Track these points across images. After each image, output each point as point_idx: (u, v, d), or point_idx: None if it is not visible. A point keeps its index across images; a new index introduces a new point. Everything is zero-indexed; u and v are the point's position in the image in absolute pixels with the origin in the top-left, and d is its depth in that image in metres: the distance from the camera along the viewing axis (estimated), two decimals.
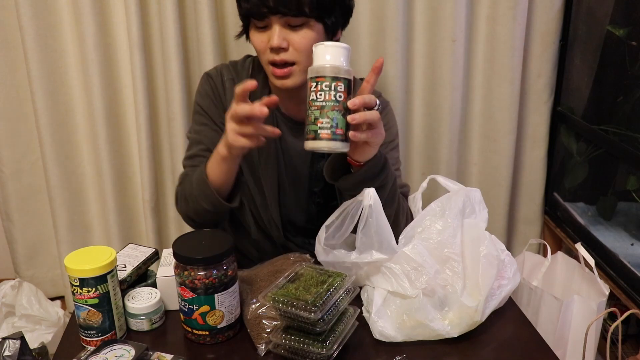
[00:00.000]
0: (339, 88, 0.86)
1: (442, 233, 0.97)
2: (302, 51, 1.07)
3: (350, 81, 0.88)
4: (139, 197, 1.75)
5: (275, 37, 1.05)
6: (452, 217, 0.99)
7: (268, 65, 1.10)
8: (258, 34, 1.09)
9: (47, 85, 1.60)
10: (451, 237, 0.97)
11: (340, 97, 0.87)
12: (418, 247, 0.95)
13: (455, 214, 0.99)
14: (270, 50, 1.08)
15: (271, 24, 1.07)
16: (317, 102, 0.87)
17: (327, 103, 0.86)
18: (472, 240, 0.98)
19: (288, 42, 1.06)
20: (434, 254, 0.96)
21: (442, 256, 0.96)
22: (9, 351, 0.93)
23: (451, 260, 0.96)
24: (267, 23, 1.07)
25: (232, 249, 0.90)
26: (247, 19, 1.11)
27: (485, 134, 1.80)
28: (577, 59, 1.76)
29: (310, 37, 1.07)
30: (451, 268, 0.96)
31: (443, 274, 0.96)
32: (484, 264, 0.95)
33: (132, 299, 0.97)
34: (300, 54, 1.08)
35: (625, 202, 1.64)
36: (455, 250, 0.96)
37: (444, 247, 0.96)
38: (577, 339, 1.35)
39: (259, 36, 1.09)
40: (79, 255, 0.90)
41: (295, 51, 1.07)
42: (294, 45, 1.07)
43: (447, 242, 0.97)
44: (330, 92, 0.86)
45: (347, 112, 0.88)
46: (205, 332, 0.91)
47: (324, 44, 0.89)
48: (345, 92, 0.87)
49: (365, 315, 0.96)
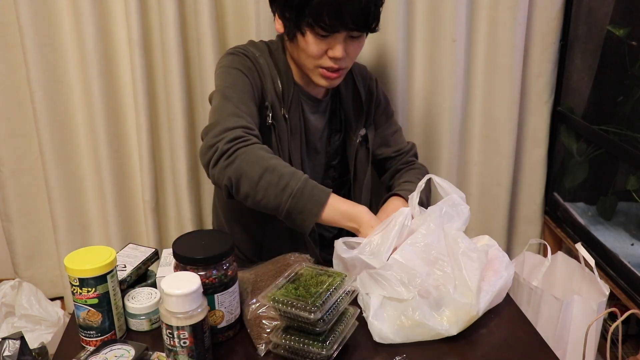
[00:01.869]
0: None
1: (426, 237, 0.99)
2: (354, 58, 1.19)
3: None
4: (139, 197, 1.75)
5: (341, 50, 1.12)
6: (433, 222, 1.01)
7: (318, 68, 1.16)
8: (318, 41, 1.12)
9: (47, 85, 1.60)
10: (436, 240, 0.99)
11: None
12: (407, 253, 0.96)
13: (435, 217, 1.02)
14: (329, 58, 1.13)
15: (335, 35, 1.11)
16: None
17: None
18: (450, 242, 1.00)
19: (346, 52, 1.13)
20: (422, 257, 0.97)
21: (430, 258, 0.98)
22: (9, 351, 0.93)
23: (439, 261, 0.98)
24: (332, 33, 1.11)
25: (232, 249, 0.90)
26: (308, 25, 1.10)
27: (485, 134, 1.80)
28: (577, 59, 1.76)
29: (362, 45, 1.18)
30: (440, 268, 0.97)
31: (434, 275, 0.97)
32: (463, 260, 0.97)
33: (132, 299, 0.97)
34: (353, 61, 1.19)
35: (625, 202, 1.64)
36: (442, 252, 0.98)
37: (431, 249, 0.98)
38: (577, 339, 1.35)
39: (319, 44, 1.12)
40: (78, 256, 0.90)
41: (350, 59, 1.17)
42: (349, 54, 1.15)
43: (433, 244, 0.98)
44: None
45: None
46: None
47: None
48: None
49: (365, 315, 0.96)
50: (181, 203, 1.72)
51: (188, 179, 1.69)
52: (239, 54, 1.20)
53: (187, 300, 0.80)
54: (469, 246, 0.99)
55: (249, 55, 1.19)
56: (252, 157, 1.02)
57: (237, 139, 1.03)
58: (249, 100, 1.13)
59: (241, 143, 1.03)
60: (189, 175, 1.69)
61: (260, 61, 1.20)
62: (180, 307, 0.80)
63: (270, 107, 1.19)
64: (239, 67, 1.17)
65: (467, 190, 1.84)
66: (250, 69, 1.18)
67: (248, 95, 1.14)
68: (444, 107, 1.73)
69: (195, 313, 0.81)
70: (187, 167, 1.68)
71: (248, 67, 1.18)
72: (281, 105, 1.21)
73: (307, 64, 1.17)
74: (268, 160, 1.02)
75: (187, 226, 1.74)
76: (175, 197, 1.74)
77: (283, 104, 1.21)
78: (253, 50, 1.21)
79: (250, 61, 1.19)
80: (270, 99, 1.19)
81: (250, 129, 1.07)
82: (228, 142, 1.02)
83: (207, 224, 1.82)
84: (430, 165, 1.81)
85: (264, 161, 1.02)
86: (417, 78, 1.72)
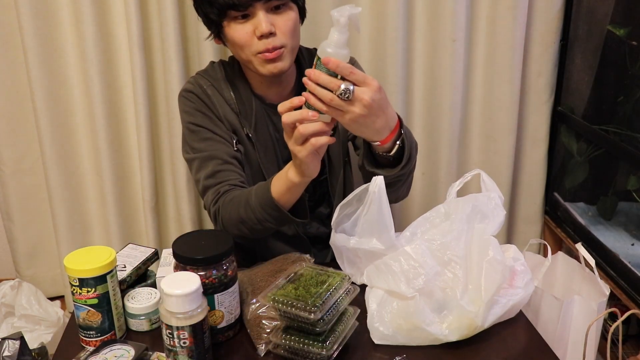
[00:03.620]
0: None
1: (445, 235, 0.96)
2: (287, 33, 1.08)
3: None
4: (139, 197, 1.75)
5: (264, 23, 1.04)
6: (457, 221, 0.98)
7: (255, 56, 1.09)
8: (239, 26, 1.08)
9: (47, 85, 1.60)
10: (455, 241, 0.96)
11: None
12: (420, 247, 0.94)
13: (461, 218, 0.98)
14: (258, 39, 1.07)
15: (254, 12, 1.06)
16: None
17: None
18: (478, 245, 0.97)
19: (274, 27, 1.06)
20: (435, 255, 0.95)
21: (444, 258, 0.95)
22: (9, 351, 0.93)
23: (453, 263, 0.95)
24: (250, 12, 1.06)
25: (232, 249, 0.90)
26: (223, 14, 1.08)
27: (485, 134, 1.80)
28: (577, 59, 1.76)
29: (292, 18, 1.09)
30: (452, 271, 0.95)
31: (443, 276, 0.94)
32: (487, 268, 0.94)
33: (132, 299, 0.97)
34: (287, 36, 1.08)
35: (625, 202, 1.64)
36: (457, 254, 0.95)
37: (446, 249, 0.95)
38: (577, 339, 1.34)
39: (241, 28, 1.07)
40: (78, 255, 0.90)
41: (281, 34, 1.07)
42: (280, 29, 1.07)
43: (451, 245, 0.96)
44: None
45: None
46: None
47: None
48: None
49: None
50: (181, 203, 1.72)
51: (188, 178, 1.69)
52: (187, 97, 1.18)
53: (187, 300, 0.80)
54: (497, 257, 0.95)
55: (197, 92, 1.17)
56: (226, 216, 1.10)
57: (212, 201, 1.13)
58: (214, 144, 1.15)
59: (214, 205, 1.12)
60: (189, 175, 1.69)
61: (208, 92, 1.17)
62: (180, 307, 0.80)
63: (234, 132, 1.18)
64: (193, 122, 1.17)
65: (467, 191, 1.83)
66: (201, 107, 1.17)
67: (212, 141, 1.15)
68: (444, 107, 1.73)
69: (195, 313, 0.81)
70: (187, 167, 1.67)
71: (195, 109, 1.17)
72: (243, 125, 1.18)
73: (245, 56, 1.11)
74: (237, 211, 1.08)
75: (187, 226, 1.74)
76: (175, 197, 1.74)
77: (246, 123, 1.18)
78: (202, 82, 1.18)
79: (198, 99, 1.17)
80: (231, 124, 1.17)
81: (220, 183, 1.12)
82: (210, 207, 1.14)
83: (207, 224, 1.82)
84: (430, 165, 1.81)
85: (236, 214, 1.09)
86: (417, 78, 1.72)
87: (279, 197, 1.03)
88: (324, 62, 0.85)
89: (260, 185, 1.07)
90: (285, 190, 1.02)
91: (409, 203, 1.84)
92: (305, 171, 0.97)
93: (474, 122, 1.80)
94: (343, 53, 0.86)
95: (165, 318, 0.82)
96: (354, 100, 0.87)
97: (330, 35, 0.86)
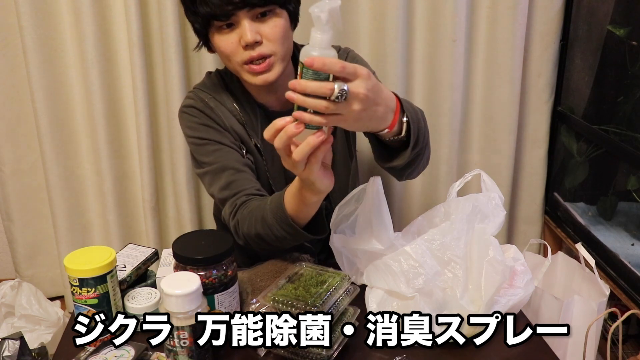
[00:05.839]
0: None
1: (445, 235, 0.96)
2: (276, 41, 1.04)
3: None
4: (139, 197, 1.75)
5: (248, 32, 1.01)
6: (457, 221, 0.98)
7: (242, 66, 1.05)
8: (224, 36, 1.04)
9: (47, 85, 1.60)
10: (455, 240, 0.96)
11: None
12: (420, 247, 0.94)
13: (461, 218, 0.98)
14: (244, 49, 1.03)
15: (238, 22, 1.03)
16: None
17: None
18: (478, 245, 0.97)
19: (260, 35, 1.03)
20: (435, 255, 0.95)
21: (444, 258, 0.95)
22: (9, 351, 0.93)
23: (453, 263, 0.95)
24: (234, 21, 1.03)
25: (232, 249, 0.90)
26: (207, 24, 1.05)
27: (486, 134, 1.80)
28: (577, 59, 1.76)
29: (280, 25, 1.04)
30: (452, 271, 0.95)
31: (443, 276, 0.94)
32: (487, 268, 0.94)
33: (132, 299, 0.97)
34: (275, 44, 1.04)
35: (625, 202, 1.64)
36: (458, 254, 0.95)
37: (446, 249, 0.95)
38: (577, 339, 1.34)
39: (227, 38, 1.04)
40: (78, 256, 0.90)
41: (269, 42, 1.04)
42: (267, 37, 1.04)
43: (451, 245, 0.95)
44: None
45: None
46: None
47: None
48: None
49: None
50: (181, 203, 1.72)
51: (188, 179, 1.69)
52: (189, 113, 1.15)
53: (187, 300, 0.80)
54: (497, 257, 0.95)
55: (198, 106, 1.14)
56: (245, 231, 1.05)
57: (231, 215, 1.08)
58: (223, 155, 1.11)
59: (233, 219, 1.07)
60: (189, 175, 1.69)
61: (211, 104, 1.14)
62: (180, 307, 0.80)
63: (242, 142, 1.15)
64: (199, 136, 1.13)
65: (468, 191, 1.83)
66: (205, 120, 1.13)
67: (221, 152, 1.12)
68: (444, 107, 1.73)
69: (195, 313, 0.81)
70: (187, 167, 1.68)
71: (199, 124, 1.13)
72: (251, 136, 1.15)
73: (232, 66, 1.08)
74: (255, 227, 1.03)
75: (187, 226, 1.74)
76: (175, 197, 1.74)
77: (253, 133, 1.16)
78: (202, 95, 1.15)
79: (201, 112, 1.14)
80: (239, 135, 1.15)
81: (236, 194, 1.08)
82: (229, 221, 1.09)
83: (207, 224, 1.82)
84: (430, 165, 1.79)
85: (254, 231, 1.04)
86: (417, 78, 1.72)
87: (295, 214, 0.97)
88: (308, 64, 0.74)
89: (274, 200, 1.01)
90: (302, 207, 0.96)
91: (409, 203, 1.84)
92: (321, 187, 0.89)
93: (474, 122, 1.80)
94: (330, 55, 0.77)
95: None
96: (351, 98, 0.77)
97: (312, 37, 0.77)
